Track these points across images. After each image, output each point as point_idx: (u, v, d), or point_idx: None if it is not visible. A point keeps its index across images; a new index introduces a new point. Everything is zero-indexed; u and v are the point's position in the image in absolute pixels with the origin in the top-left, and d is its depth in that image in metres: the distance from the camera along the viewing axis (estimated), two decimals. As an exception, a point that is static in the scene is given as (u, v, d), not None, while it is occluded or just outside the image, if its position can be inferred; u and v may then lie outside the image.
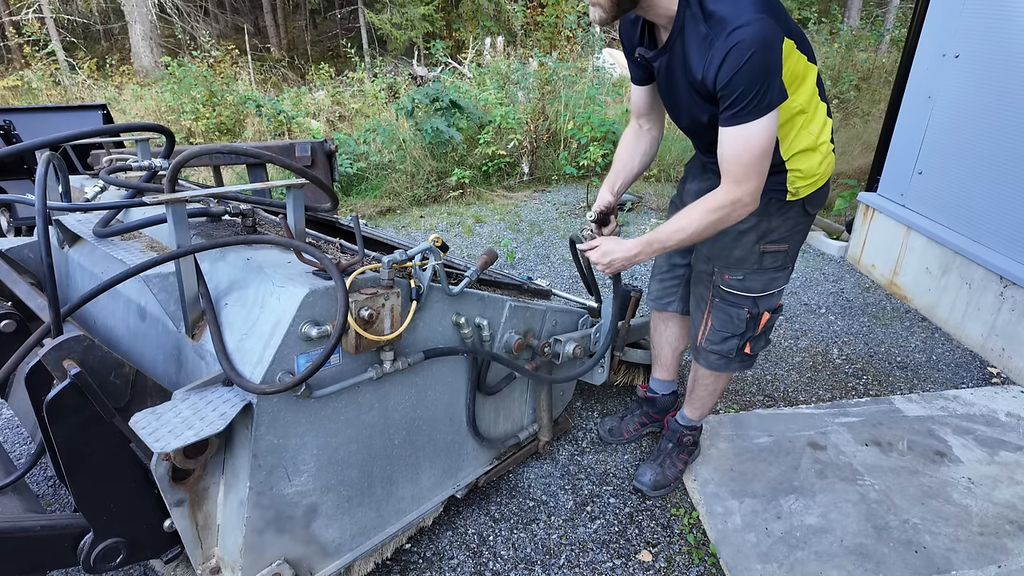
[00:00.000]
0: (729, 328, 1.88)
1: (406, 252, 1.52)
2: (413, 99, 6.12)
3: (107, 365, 1.27)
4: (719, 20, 1.41)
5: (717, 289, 1.85)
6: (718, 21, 1.41)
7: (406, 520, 1.80)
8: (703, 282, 1.91)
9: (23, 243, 2.00)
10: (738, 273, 1.80)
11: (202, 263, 1.46)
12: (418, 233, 4.92)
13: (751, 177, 1.50)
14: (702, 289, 1.92)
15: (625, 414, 2.47)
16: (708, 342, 1.94)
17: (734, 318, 1.86)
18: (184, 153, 1.31)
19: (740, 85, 1.40)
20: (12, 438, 2.48)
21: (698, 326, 1.97)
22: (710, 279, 1.86)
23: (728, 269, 1.80)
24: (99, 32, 15.95)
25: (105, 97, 9.30)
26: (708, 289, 1.88)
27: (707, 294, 1.89)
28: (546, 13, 13.78)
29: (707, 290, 1.89)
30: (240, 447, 1.35)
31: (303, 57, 14.93)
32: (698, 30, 1.46)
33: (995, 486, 2.20)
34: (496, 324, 1.86)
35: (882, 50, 10.21)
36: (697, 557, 1.95)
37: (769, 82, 1.41)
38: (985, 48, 3.13)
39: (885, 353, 3.13)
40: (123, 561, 1.35)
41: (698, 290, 1.95)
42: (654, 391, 2.40)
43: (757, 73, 1.39)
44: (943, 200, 3.43)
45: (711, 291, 1.87)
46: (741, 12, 1.39)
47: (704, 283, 1.90)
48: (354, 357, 1.46)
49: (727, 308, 1.86)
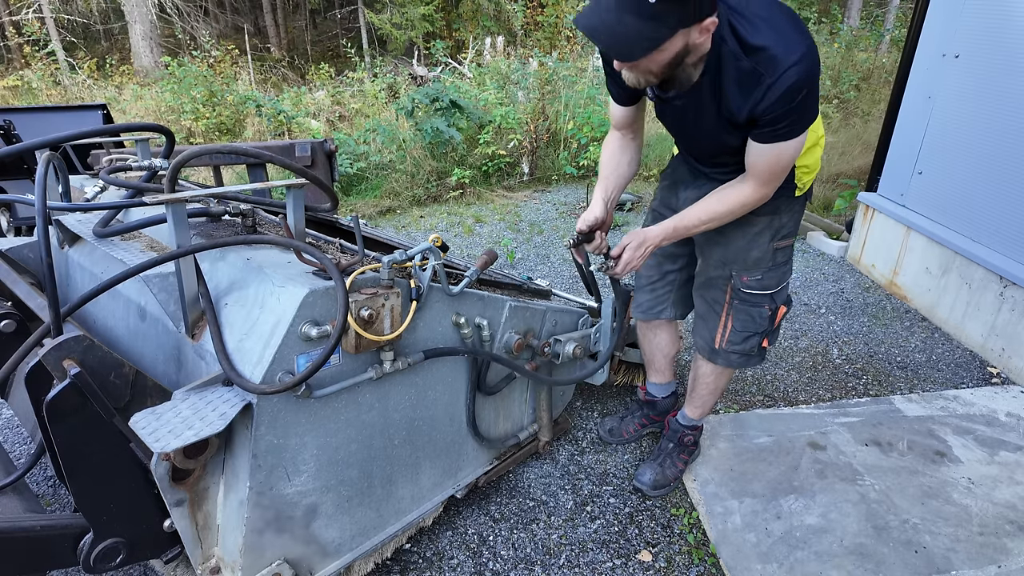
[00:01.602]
0: (751, 327, 1.91)
1: (406, 252, 1.52)
2: (413, 99, 6.12)
3: (107, 365, 1.26)
4: (770, 58, 1.35)
5: (736, 292, 1.86)
6: (768, 59, 1.35)
7: (406, 520, 1.80)
8: (717, 286, 1.90)
9: (23, 243, 2.00)
10: (756, 273, 1.83)
11: (202, 263, 1.46)
12: (418, 233, 4.92)
13: (777, 180, 1.59)
14: (716, 293, 1.91)
15: (625, 415, 2.47)
16: (730, 343, 1.94)
17: (756, 317, 1.90)
18: (184, 153, 1.31)
19: (789, 116, 1.42)
20: (12, 438, 2.48)
21: (714, 329, 1.96)
22: (727, 283, 1.87)
23: (747, 271, 1.82)
24: (99, 32, 15.95)
25: (105, 97, 9.30)
26: (724, 292, 1.89)
27: (723, 297, 1.90)
28: (546, 13, 13.77)
29: (723, 293, 1.89)
30: (240, 447, 1.35)
31: (303, 57, 14.92)
32: (738, 66, 1.40)
33: (995, 486, 2.20)
34: (496, 324, 1.86)
35: (882, 50, 10.21)
36: (697, 557, 1.95)
37: (812, 109, 1.43)
38: (985, 48, 3.13)
39: (885, 353, 3.13)
40: (123, 561, 1.35)
41: (711, 294, 1.94)
42: (653, 395, 2.40)
43: (805, 107, 1.41)
44: (943, 200, 3.43)
45: (728, 294, 1.88)
46: (791, 46, 1.34)
47: (719, 287, 1.90)
48: (354, 357, 1.46)
49: (748, 309, 1.88)
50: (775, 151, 1.49)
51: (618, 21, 1.25)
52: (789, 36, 1.36)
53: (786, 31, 1.36)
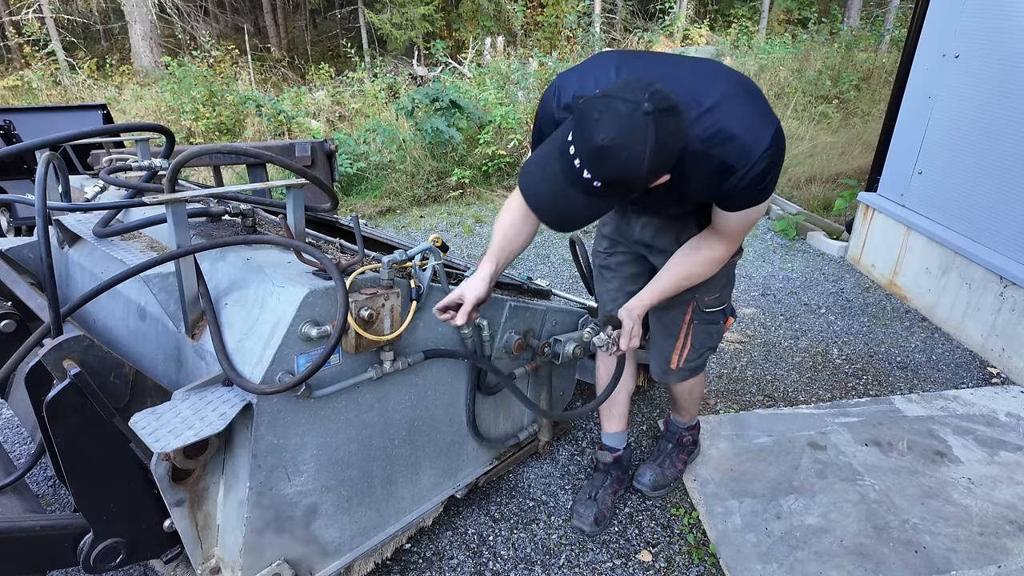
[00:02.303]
0: (708, 343, 1.94)
1: (406, 252, 1.52)
2: (413, 99, 6.12)
3: (107, 365, 1.27)
4: (740, 148, 1.29)
5: (698, 312, 1.86)
6: (739, 149, 1.29)
7: (406, 520, 1.80)
8: (678, 307, 1.86)
9: (23, 243, 2.00)
10: (715, 292, 1.83)
11: (202, 263, 1.46)
12: (418, 233, 4.92)
13: (746, 234, 1.61)
14: (675, 314, 1.88)
15: (592, 492, 2.10)
16: (687, 362, 1.94)
17: (714, 333, 1.93)
18: (184, 153, 1.31)
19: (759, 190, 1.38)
20: (12, 438, 2.48)
21: (669, 351, 1.93)
22: (687, 306, 1.85)
23: (708, 291, 1.82)
24: (99, 32, 15.94)
25: (105, 97, 9.30)
26: (685, 314, 1.87)
27: (682, 318, 1.88)
28: (546, 13, 13.78)
29: (683, 314, 1.87)
30: (240, 447, 1.35)
31: (303, 57, 14.92)
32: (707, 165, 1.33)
33: (995, 486, 2.20)
34: (496, 324, 1.86)
35: (882, 50, 10.21)
36: (697, 557, 1.95)
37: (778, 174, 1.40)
38: (985, 48, 3.13)
39: (885, 353, 3.13)
40: (123, 561, 1.35)
41: (669, 316, 1.89)
42: (612, 447, 2.16)
43: (775, 178, 1.39)
44: (943, 200, 3.43)
45: (689, 315, 1.87)
46: (760, 133, 1.29)
47: (679, 308, 1.86)
48: (354, 357, 1.46)
49: (707, 327, 1.90)
50: (745, 216, 1.47)
51: (562, 192, 1.20)
52: (756, 122, 1.31)
53: (751, 116, 1.31)
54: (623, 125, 1.10)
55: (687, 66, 1.38)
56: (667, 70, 1.35)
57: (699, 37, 12.50)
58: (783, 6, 14.88)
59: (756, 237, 4.76)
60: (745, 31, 11.37)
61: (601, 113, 1.12)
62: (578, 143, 1.15)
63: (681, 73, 1.34)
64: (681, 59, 1.42)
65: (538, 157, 1.26)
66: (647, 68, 1.37)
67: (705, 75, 1.35)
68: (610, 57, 1.43)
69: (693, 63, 1.40)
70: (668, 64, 1.39)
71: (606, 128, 1.11)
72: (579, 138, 1.14)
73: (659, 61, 1.40)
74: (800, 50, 9.15)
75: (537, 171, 1.25)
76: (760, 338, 3.27)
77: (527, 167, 1.28)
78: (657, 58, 1.42)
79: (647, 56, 1.44)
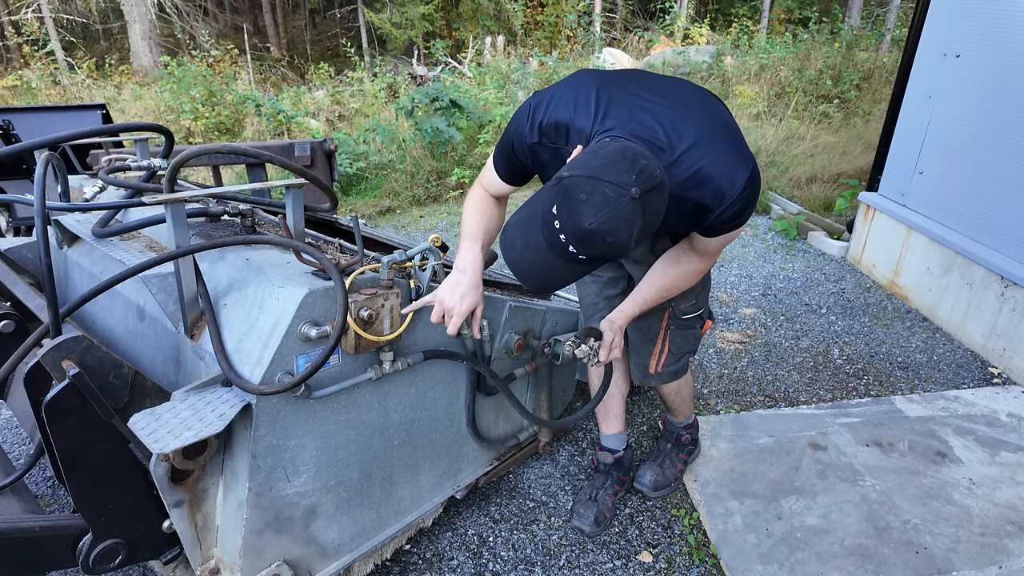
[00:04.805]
0: (685, 348, 1.96)
1: (406, 252, 1.52)
2: (413, 99, 6.12)
3: (106, 365, 1.26)
4: (715, 191, 1.33)
5: (675, 319, 1.87)
6: (714, 192, 1.33)
7: (406, 521, 1.79)
8: (654, 314, 1.86)
9: (22, 243, 1.99)
10: (691, 299, 1.85)
11: (201, 263, 1.45)
12: (418, 233, 4.92)
13: (722, 251, 1.67)
14: (652, 321, 1.89)
15: (592, 492, 2.11)
16: (665, 367, 1.96)
17: (691, 338, 1.95)
18: (183, 153, 1.31)
19: (734, 223, 1.43)
20: (11, 438, 2.48)
21: (647, 357, 1.95)
22: (663, 312, 1.86)
23: (683, 299, 1.83)
24: (98, 32, 15.94)
25: (104, 97, 9.30)
26: (661, 320, 1.88)
27: (659, 324, 1.89)
28: (546, 12, 13.78)
29: (659, 321, 1.88)
30: (239, 448, 1.35)
31: (303, 56, 14.92)
32: (681, 208, 1.37)
33: (996, 487, 2.20)
34: (496, 324, 1.85)
35: (883, 49, 10.21)
36: (698, 558, 1.94)
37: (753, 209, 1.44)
38: (986, 48, 3.13)
39: (886, 353, 3.13)
40: (122, 562, 1.35)
41: (646, 322, 1.90)
42: (613, 449, 2.16)
43: (750, 213, 1.43)
44: (944, 200, 3.43)
45: (665, 321, 1.88)
46: (735, 175, 1.33)
47: (655, 315, 1.87)
48: (353, 358, 1.46)
49: (684, 332, 1.92)
50: (724, 238, 1.51)
51: (545, 261, 1.21)
52: (731, 164, 1.33)
53: (727, 158, 1.33)
54: (611, 211, 1.11)
55: (666, 96, 1.38)
56: (646, 103, 1.35)
57: (699, 36, 12.48)
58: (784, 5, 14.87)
59: (756, 237, 4.76)
60: (745, 30, 11.36)
61: (588, 195, 1.12)
62: (564, 221, 1.14)
63: (660, 107, 1.35)
64: (660, 86, 1.42)
65: (520, 222, 1.25)
66: (626, 98, 1.37)
67: (686, 108, 1.36)
68: (590, 81, 1.41)
69: (673, 92, 1.40)
70: (646, 93, 1.38)
71: (594, 212, 1.11)
72: (565, 217, 1.14)
73: (638, 90, 1.39)
74: (801, 49, 9.14)
75: (521, 239, 1.24)
76: (761, 338, 3.27)
77: (509, 230, 1.26)
78: (636, 85, 1.41)
79: (626, 83, 1.42)
